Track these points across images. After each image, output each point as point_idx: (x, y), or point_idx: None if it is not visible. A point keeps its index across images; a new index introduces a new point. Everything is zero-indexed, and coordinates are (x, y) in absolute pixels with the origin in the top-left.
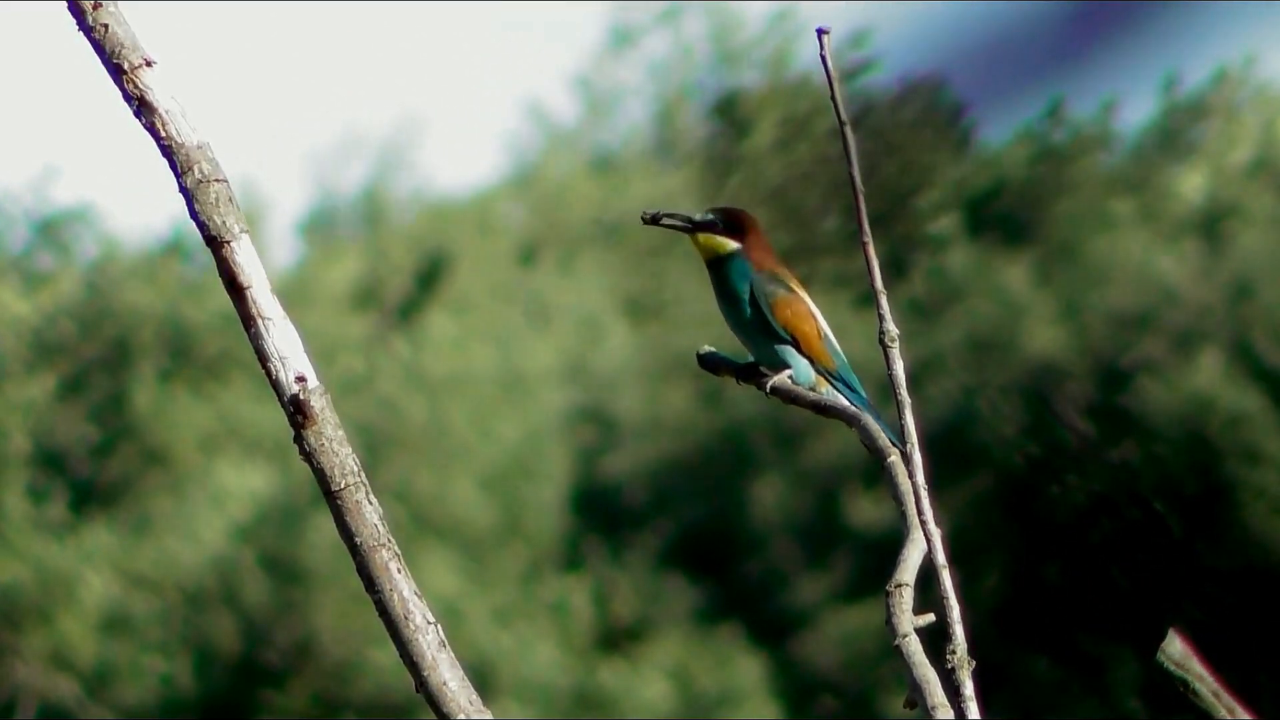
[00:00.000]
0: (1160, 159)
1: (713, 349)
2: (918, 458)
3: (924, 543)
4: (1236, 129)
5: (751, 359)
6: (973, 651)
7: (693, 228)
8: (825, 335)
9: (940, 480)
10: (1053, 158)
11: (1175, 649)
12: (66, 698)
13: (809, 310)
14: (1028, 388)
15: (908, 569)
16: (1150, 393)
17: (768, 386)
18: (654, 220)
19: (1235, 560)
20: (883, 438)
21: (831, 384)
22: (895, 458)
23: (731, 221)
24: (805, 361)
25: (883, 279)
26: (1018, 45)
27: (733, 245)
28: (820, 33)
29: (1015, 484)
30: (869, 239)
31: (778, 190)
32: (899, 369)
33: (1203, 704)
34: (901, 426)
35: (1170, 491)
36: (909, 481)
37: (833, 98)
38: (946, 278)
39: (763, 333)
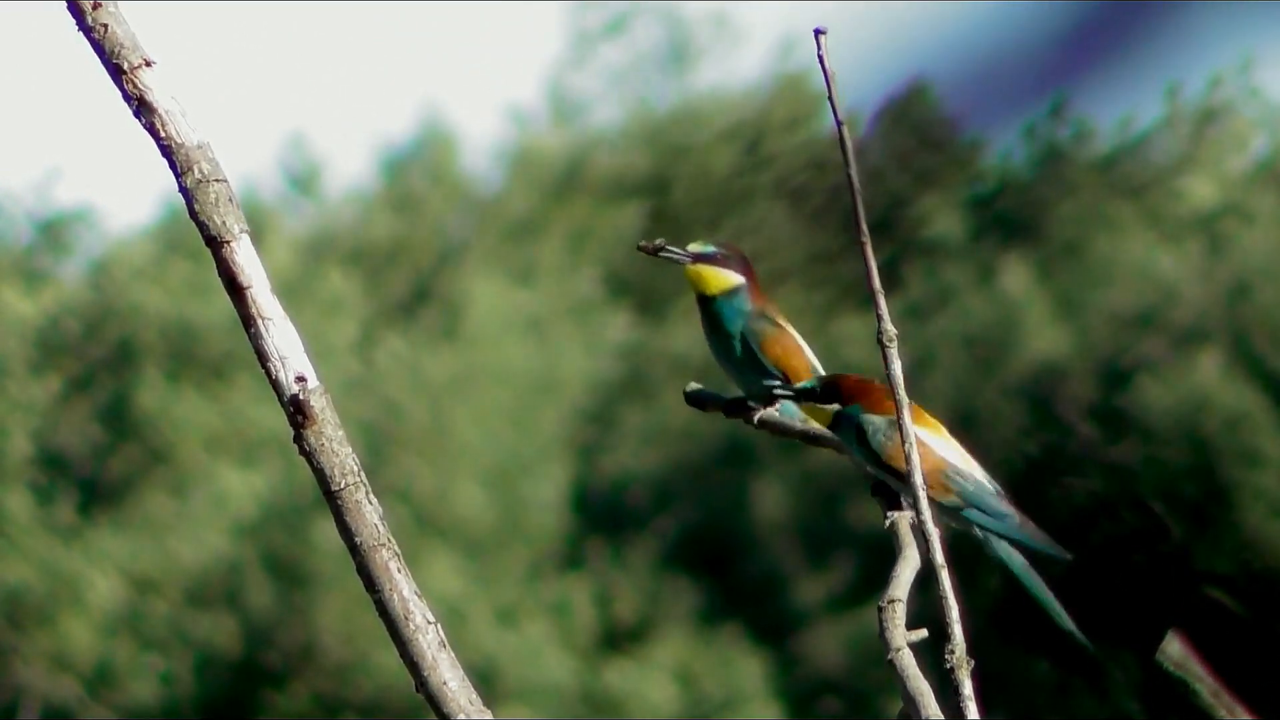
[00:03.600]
0: (1162, 161)
1: (699, 386)
2: (916, 458)
3: (917, 559)
4: (1237, 132)
5: (740, 393)
6: (972, 652)
7: (693, 260)
8: (815, 370)
9: None
10: (1055, 159)
11: (1175, 649)
12: (69, 698)
13: (798, 345)
14: (1027, 388)
15: (900, 585)
16: (1150, 393)
17: (756, 420)
18: (653, 251)
19: (1234, 561)
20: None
21: None
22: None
23: (733, 256)
24: None
25: (882, 280)
26: (1024, 53)
27: (737, 279)
28: (818, 33)
29: (1015, 485)
30: (867, 239)
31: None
32: (897, 369)
33: (1203, 704)
34: (900, 427)
35: (1170, 493)
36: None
37: (830, 99)
38: (946, 278)
39: (752, 369)
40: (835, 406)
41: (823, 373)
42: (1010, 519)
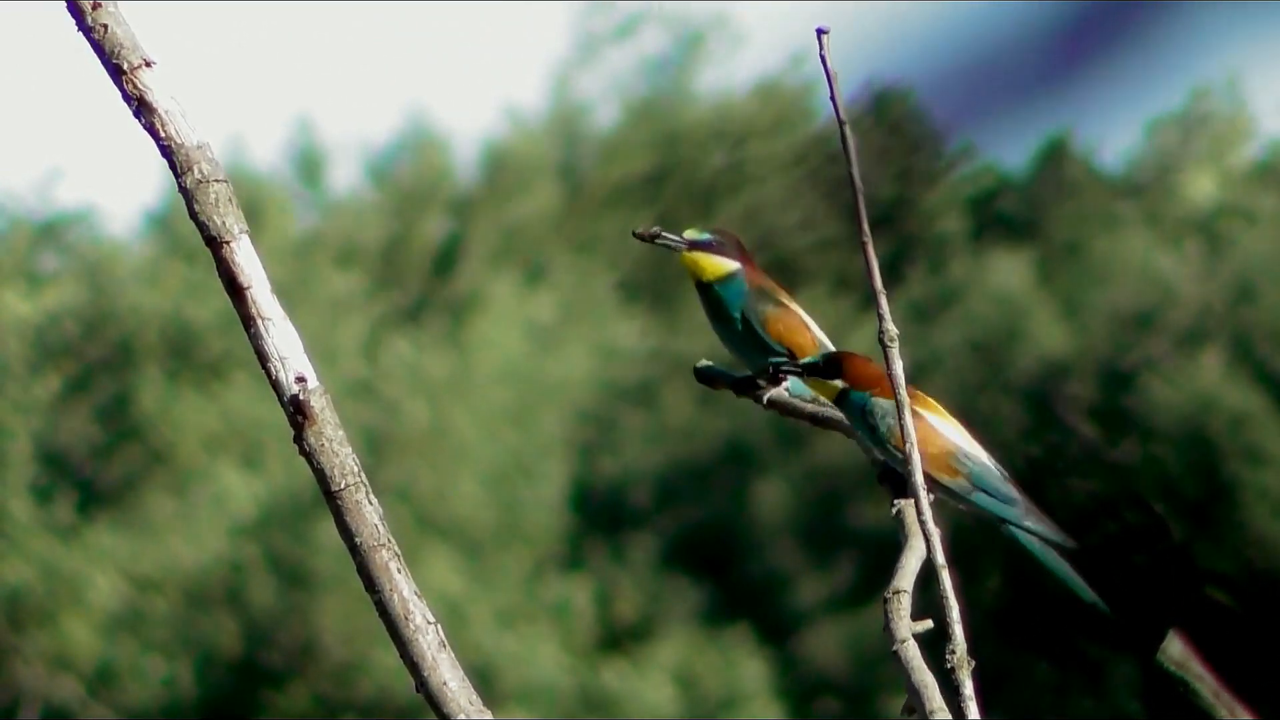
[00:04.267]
0: (1162, 163)
1: (709, 363)
2: (917, 457)
3: (922, 548)
4: (1237, 132)
5: (749, 372)
6: (972, 652)
7: (689, 247)
8: (821, 345)
9: None
10: (1054, 160)
11: (1175, 649)
12: (69, 699)
13: (802, 322)
14: (1029, 388)
15: (906, 575)
16: (1152, 393)
17: (764, 399)
18: (649, 238)
19: (1236, 561)
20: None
21: None
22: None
23: (728, 242)
24: None
25: (884, 281)
26: (1019, 55)
27: (733, 265)
28: (820, 32)
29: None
30: (868, 238)
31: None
32: (898, 369)
33: (1203, 704)
34: (901, 426)
35: (1172, 492)
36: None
37: (832, 97)
38: (947, 278)
39: (757, 349)
40: (839, 383)
41: (831, 347)
42: (1017, 504)
